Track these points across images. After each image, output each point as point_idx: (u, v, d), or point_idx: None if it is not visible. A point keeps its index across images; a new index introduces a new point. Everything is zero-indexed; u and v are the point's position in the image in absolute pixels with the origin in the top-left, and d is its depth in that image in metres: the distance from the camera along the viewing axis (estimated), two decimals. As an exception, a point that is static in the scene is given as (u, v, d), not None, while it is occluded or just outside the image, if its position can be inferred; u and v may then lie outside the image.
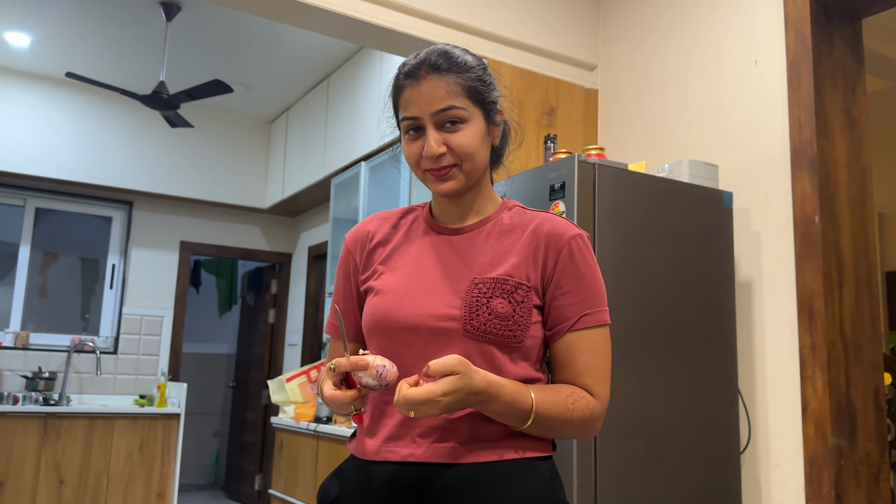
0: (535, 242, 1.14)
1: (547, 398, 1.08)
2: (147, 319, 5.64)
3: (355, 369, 1.01)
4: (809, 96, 2.30)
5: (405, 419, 1.10)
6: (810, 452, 2.17)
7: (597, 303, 1.14)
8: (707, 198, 2.29)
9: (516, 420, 1.06)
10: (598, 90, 3.19)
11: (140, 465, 4.95)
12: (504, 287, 1.11)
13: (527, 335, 1.11)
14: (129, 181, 5.38)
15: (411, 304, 1.12)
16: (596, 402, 1.12)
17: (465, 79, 1.12)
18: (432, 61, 1.12)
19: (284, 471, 4.10)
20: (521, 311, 1.10)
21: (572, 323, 1.12)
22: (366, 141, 4.33)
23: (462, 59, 1.14)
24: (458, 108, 1.11)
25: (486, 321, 1.08)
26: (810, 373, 2.19)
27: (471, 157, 1.13)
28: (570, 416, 1.09)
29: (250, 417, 6.36)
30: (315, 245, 5.81)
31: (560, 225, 1.16)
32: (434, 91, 1.11)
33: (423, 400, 0.97)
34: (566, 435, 1.13)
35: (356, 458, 1.16)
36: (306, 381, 4.20)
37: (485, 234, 1.18)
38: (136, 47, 4.65)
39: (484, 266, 1.14)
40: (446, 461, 1.06)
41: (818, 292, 2.20)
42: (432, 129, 1.12)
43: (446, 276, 1.14)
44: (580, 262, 1.14)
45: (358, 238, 1.25)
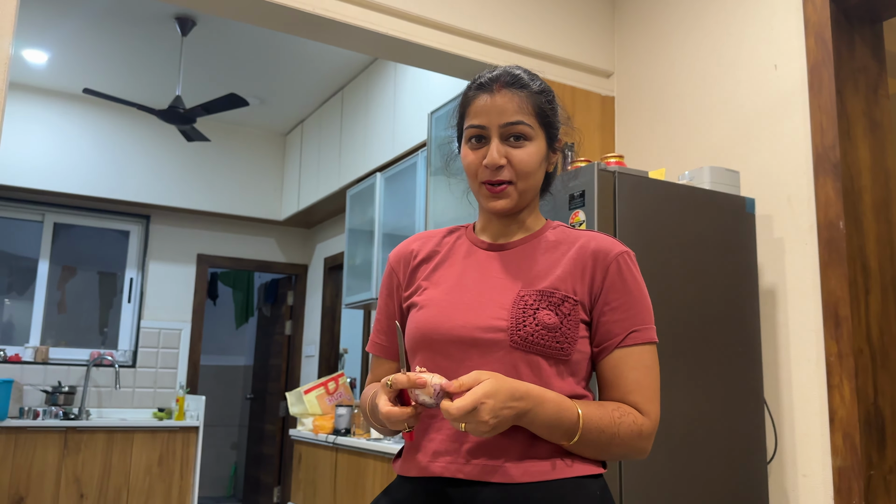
0: (582, 258, 1.14)
1: (593, 411, 1.07)
2: (165, 332, 5.66)
3: (413, 387, 1.00)
4: (831, 100, 2.27)
5: (453, 435, 1.09)
6: (839, 462, 2.13)
7: (644, 320, 1.13)
8: (729, 204, 2.26)
9: (563, 434, 1.05)
10: (614, 97, 3.17)
11: (159, 479, 4.96)
12: (551, 299, 1.10)
13: (574, 349, 1.10)
14: (146, 195, 5.42)
15: (456, 316, 1.12)
16: (645, 419, 1.10)
17: (536, 99, 1.15)
18: (508, 77, 1.15)
19: (303, 483, 4.08)
20: (568, 324, 1.09)
21: (620, 339, 1.11)
22: (380, 152, 4.33)
23: (536, 80, 1.17)
24: (525, 125, 1.13)
25: (534, 332, 1.07)
26: (837, 381, 2.15)
27: (527, 176, 1.14)
28: (618, 430, 1.07)
29: (268, 429, 6.36)
30: (331, 256, 5.82)
31: (607, 242, 1.16)
32: (507, 104, 1.13)
33: (469, 406, 0.95)
34: (616, 453, 1.09)
35: (403, 477, 1.15)
36: (324, 393, 4.19)
37: (530, 249, 1.18)
38: (152, 62, 4.69)
39: (530, 280, 1.13)
40: (495, 480, 1.05)
41: (844, 299, 2.16)
42: (496, 140, 1.13)
43: (491, 290, 1.13)
44: (628, 279, 1.13)
45: (401, 256, 1.26)
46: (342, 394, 4.23)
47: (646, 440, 1.10)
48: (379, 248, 4.18)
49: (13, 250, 5.53)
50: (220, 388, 7.41)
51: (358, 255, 4.53)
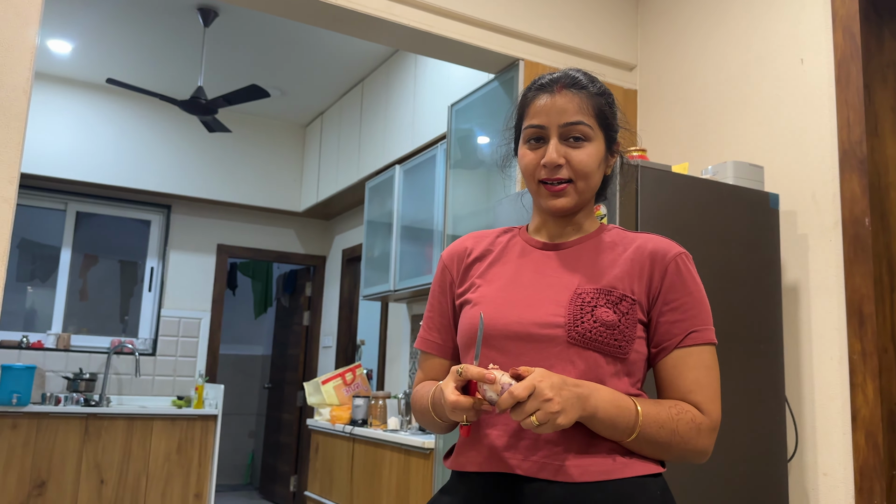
0: (639, 259, 1.14)
1: (650, 407, 1.07)
2: (185, 321, 5.71)
3: (482, 380, 0.99)
4: (858, 95, 2.23)
5: (511, 431, 1.08)
6: (860, 462, 2.11)
7: (704, 321, 1.13)
8: (752, 200, 2.24)
9: (623, 429, 1.04)
10: (637, 90, 3.14)
11: (178, 466, 5.01)
12: (609, 297, 1.10)
13: (632, 348, 1.09)
14: (168, 185, 5.46)
15: (511, 312, 1.12)
16: (705, 418, 1.09)
17: (597, 101, 1.16)
18: (568, 79, 1.16)
19: (320, 472, 4.11)
20: (626, 322, 1.09)
21: (680, 339, 1.11)
22: (400, 144, 4.33)
23: (595, 83, 1.18)
24: (585, 125, 1.13)
25: (592, 328, 1.07)
26: (861, 380, 2.13)
27: (586, 177, 1.14)
28: (677, 426, 1.06)
29: (285, 419, 6.41)
30: (349, 248, 5.84)
31: (665, 243, 1.16)
32: (567, 104, 1.13)
33: (526, 390, 0.95)
34: (676, 452, 1.08)
35: (459, 474, 1.15)
36: (342, 384, 4.21)
37: (586, 249, 1.18)
38: (175, 53, 4.71)
39: (587, 278, 1.13)
40: (554, 478, 1.04)
41: (868, 296, 2.13)
42: (556, 140, 1.14)
43: (548, 287, 1.13)
44: (688, 279, 1.13)
45: (455, 254, 1.27)
46: (359, 384, 4.25)
47: (705, 438, 1.09)
48: (397, 241, 4.18)
49: (36, 238, 5.60)
50: (238, 378, 7.47)
51: (376, 247, 4.53)
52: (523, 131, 1.18)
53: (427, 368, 1.28)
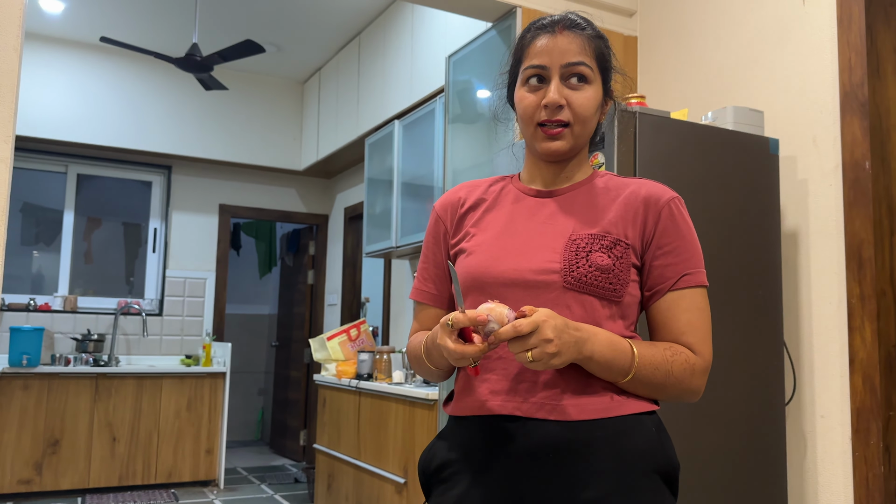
0: (633, 204, 1.14)
1: (646, 348, 1.09)
2: (190, 282, 5.75)
3: (474, 324, 1.00)
4: (860, 36, 2.19)
5: (509, 373, 1.10)
6: (857, 403, 2.13)
7: (696, 263, 1.14)
8: (752, 145, 2.22)
9: (619, 370, 1.06)
10: (637, 37, 3.09)
11: (188, 423, 5.11)
12: (603, 242, 1.11)
13: (626, 291, 1.11)
14: (167, 146, 5.44)
15: (507, 260, 1.12)
16: (698, 358, 1.11)
17: (596, 43, 1.15)
18: (568, 21, 1.15)
19: (328, 426, 4.18)
20: (620, 266, 1.10)
21: (673, 282, 1.12)
22: (398, 98, 4.29)
23: (593, 26, 1.17)
24: (587, 66, 1.13)
25: (587, 272, 1.08)
26: (859, 323, 2.14)
27: (584, 121, 1.14)
28: (671, 367, 1.08)
29: (293, 375, 6.49)
30: (351, 206, 5.83)
31: (658, 188, 1.17)
32: (569, 45, 1.12)
33: (530, 326, 0.96)
34: (670, 392, 1.11)
35: (458, 418, 1.16)
36: (347, 340, 4.26)
37: (580, 195, 1.18)
38: (169, 10, 4.65)
39: (581, 224, 1.14)
40: (554, 418, 1.06)
41: (868, 240, 2.13)
42: (557, 80, 1.12)
43: (542, 234, 1.14)
44: (680, 223, 1.14)
45: (448, 204, 1.26)
46: (364, 340, 4.30)
47: (699, 379, 1.11)
48: (398, 197, 4.18)
49: (39, 202, 5.61)
50: (246, 336, 7.54)
51: (377, 205, 4.53)
52: (522, 72, 1.16)
53: (422, 318, 1.28)
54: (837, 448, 2.18)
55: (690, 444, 2.01)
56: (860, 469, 2.11)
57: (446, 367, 1.16)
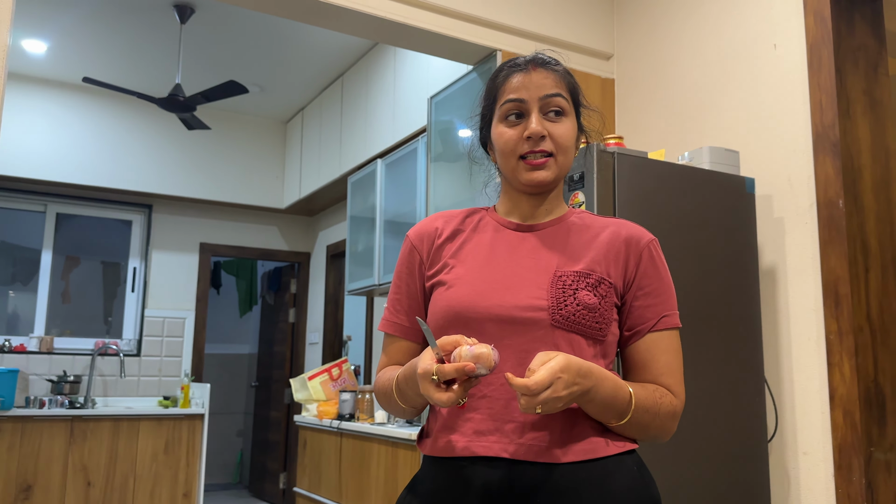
0: (615, 243, 1.16)
1: (640, 391, 1.10)
2: (169, 321, 5.68)
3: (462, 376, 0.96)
4: (830, 78, 2.26)
5: (494, 414, 1.07)
6: (839, 440, 2.14)
7: (673, 305, 1.18)
8: (729, 184, 2.26)
9: (615, 414, 1.07)
10: (614, 79, 3.16)
11: (166, 466, 5.00)
12: (588, 280, 1.11)
13: (609, 330, 1.12)
14: (148, 184, 5.42)
15: (492, 295, 1.10)
16: (677, 400, 1.14)
17: (568, 79, 1.19)
18: (541, 59, 1.18)
19: (309, 468, 4.12)
20: (605, 305, 1.11)
21: (654, 323, 1.14)
22: (381, 138, 4.33)
23: (563, 65, 1.21)
24: (563, 98, 1.15)
25: (575, 311, 1.08)
26: (837, 359, 2.16)
27: (566, 151, 1.15)
28: (659, 411, 1.10)
29: (273, 416, 6.40)
30: (333, 244, 5.83)
31: (638, 229, 1.20)
32: (544, 80, 1.15)
33: (547, 380, 0.95)
34: (651, 433, 1.13)
35: (436, 459, 1.12)
36: (328, 379, 4.22)
37: (560, 231, 1.19)
38: (152, 50, 4.68)
39: (564, 260, 1.14)
40: (540, 460, 1.05)
41: (844, 277, 2.17)
42: (537, 112, 1.14)
43: (526, 269, 1.13)
44: (659, 265, 1.18)
45: (424, 233, 1.23)
46: (346, 379, 4.26)
47: (676, 421, 1.15)
48: (381, 235, 4.19)
49: (16, 241, 5.55)
50: (225, 377, 7.44)
51: (360, 242, 4.53)
52: (499, 109, 1.16)
53: (392, 352, 1.23)
54: (821, 485, 2.18)
55: (674, 482, 2.01)
56: (843, 506, 2.11)
57: (420, 405, 1.13)
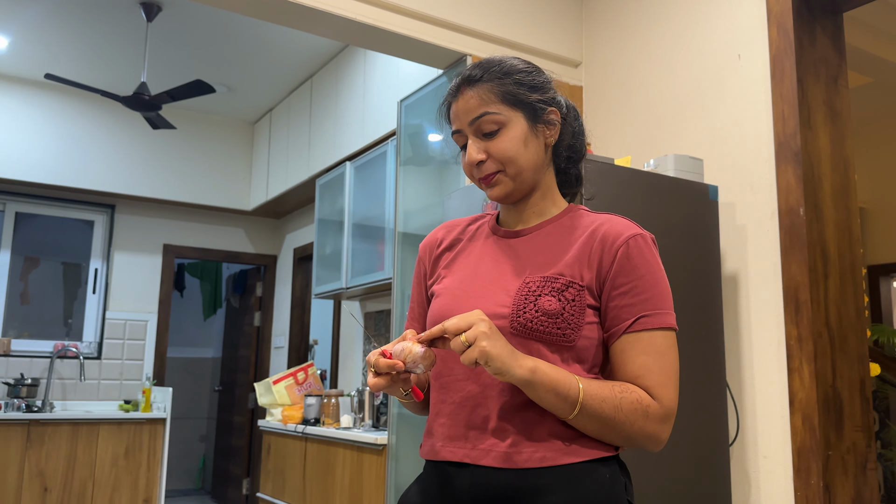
0: (591, 243, 1.12)
1: (593, 384, 1.05)
2: (131, 324, 5.58)
3: (391, 370, 1.02)
4: (792, 89, 2.31)
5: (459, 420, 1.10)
6: (798, 443, 2.18)
7: (658, 305, 1.09)
8: (692, 192, 2.30)
9: (563, 400, 1.02)
10: (582, 87, 3.19)
11: (126, 471, 4.90)
12: (554, 285, 1.09)
13: (579, 335, 1.08)
14: (111, 184, 5.33)
15: (465, 304, 1.13)
16: (653, 402, 1.06)
17: (499, 84, 1.14)
18: (467, 75, 1.17)
19: (272, 474, 4.07)
20: (571, 310, 1.08)
21: (629, 324, 1.08)
22: (350, 141, 4.31)
23: (499, 66, 1.16)
24: (491, 114, 1.13)
25: (533, 318, 1.07)
26: (797, 364, 2.20)
27: (512, 161, 1.14)
28: (620, 404, 1.04)
29: (237, 421, 6.31)
30: (300, 246, 5.78)
31: (619, 225, 1.13)
32: (468, 102, 1.15)
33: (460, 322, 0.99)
34: (622, 432, 1.05)
35: (427, 461, 1.18)
36: (294, 383, 4.17)
37: (543, 235, 1.18)
38: (117, 48, 4.60)
39: (538, 266, 1.13)
40: (503, 465, 1.05)
41: (804, 284, 2.21)
42: (472, 139, 1.15)
43: (501, 277, 1.14)
44: (638, 262, 1.10)
45: (427, 245, 1.30)
46: (312, 384, 4.22)
47: (655, 423, 1.06)
48: (349, 238, 4.16)
49: (-27, 240, 5.40)
50: (188, 381, 7.33)
51: (328, 245, 4.50)
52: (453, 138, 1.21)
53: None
54: (780, 488, 2.22)
55: (636, 486, 2.02)
56: (802, 509, 2.15)
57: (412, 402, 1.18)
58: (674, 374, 1.08)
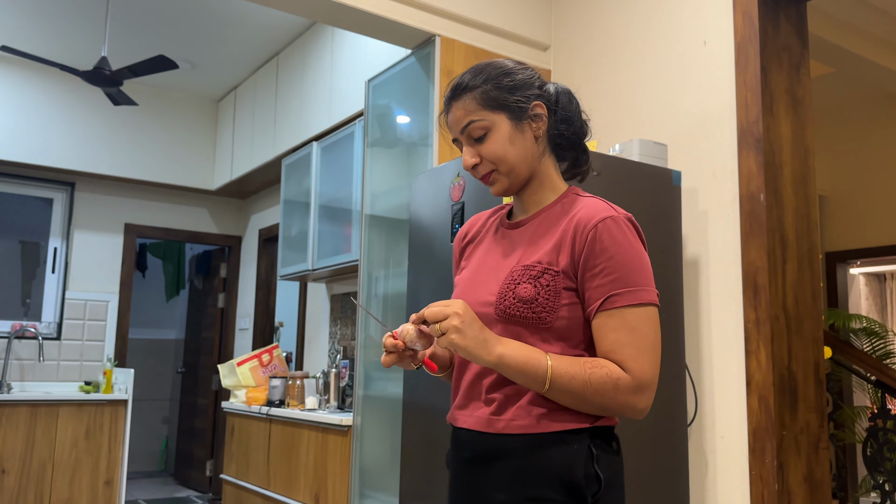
0: (567, 228, 1.21)
1: (563, 360, 1.15)
2: (91, 304, 5.48)
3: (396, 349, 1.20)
4: (756, 76, 2.34)
5: (465, 391, 1.25)
6: (754, 424, 2.24)
7: (629, 282, 1.15)
8: (656, 177, 2.32)
9: (534, 376, 1.13)
10: (550, 70, 3.20)
11: (86, 453, 4.83)
12: (531, 273, 1.20)
13: (556, 316, 1.17)
14: (71, 161, 5.20)
15: (468, 294, 1.28)
16: (624, 374, 1.13)
17: (480, 92, 1.24)
18: (452, 88, 1.28)
19: (236, 455, 4.05)
20: (545, 294, 1.17)
21: (600, 304, 1.16)
22: (317, 120, 4.26)
23: (480, 75, 1.25)
24: (475, 122, 1.24)
25: (511, 304, 1.19)
26: (754, 347, 2.25)
27: (502, 160, 1.24)
28: (589, 377, 1.12)
29: (200, 403, 6.26)
30: (266, 227, 5.72)
31: (594, 209, 1.20)
32: (456, 113, 1.26)
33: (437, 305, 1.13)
34: (596, 403, 1.13)
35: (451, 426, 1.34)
36: (258, 365, 4.15)
37: (536, 224, 1.27)
38: (77, 21, 4.47)
39: (524, 255, 1.24)
40: (489, 431, 1.19)
41: (762, 268, 2.26)
42: (466, 146, 1.27)
43: (497, 268, 1.26)
44: (608, 244, 1.16)
45: (457, 239, 1.43)
46: (277, 366, 4.20)
47: (626, 394, 1.13)
48: (315, 219, 4.13)
49: (-75, 217, 5.24)
50: (150, 362, 7.24)
51: (294, 227, 4.46)
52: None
53: None
54: (736, 467, 2.28)
55: (599, 466, 2.05)
56: (757, 487, 2.21)
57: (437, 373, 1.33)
58: (647, 346, 1.15)
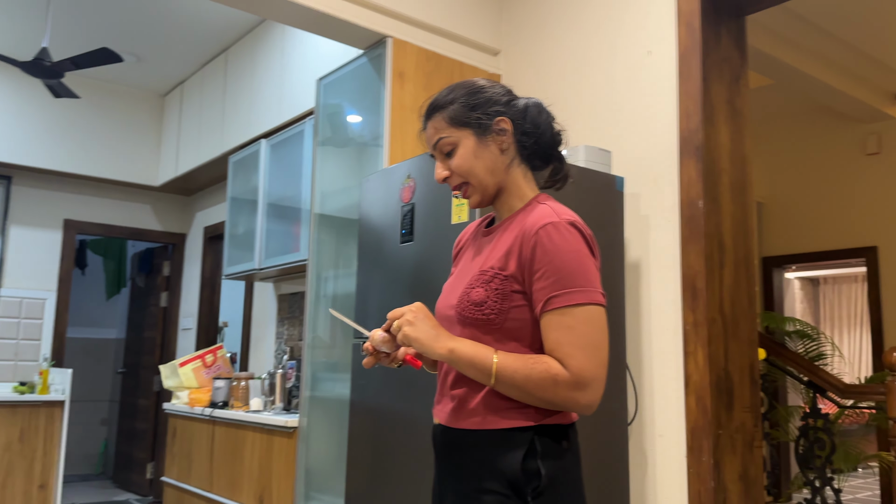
0: (519, 234, 1.27)
1: (510, 356, 1.23)
2: (27, 302, 5.30)
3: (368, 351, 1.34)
4: (697, 86, 2.42)
5: (440, 385, 1.36)
6: (692, 423, 2.31)
7: (567, 284, 1.21)
8: (600, 182, 2.37)
9: (482, 370, 1.22)
10: (500, 75, 3.23)
11: (20, 456, 4.67)
12: (483, 278, 1.29)
13: (505, 318, 1.25)
14: (7, 154, 5.02)
15: (443, 298, 1.39)
16: (562, 370, 1.19)
17: (447, 112, 1.34)
18: (427, 107, 1.37)
19: (178, 457, 3.97)
20: (494, 297, 1.26)
21: (541, 306, 1.23)
22: (266, 118, 4.22)
23: (448, 96, 1.35)
24: (444, 138, 1.34)
25: (465, 307, 1.28)
26: (693, 348, 2.33)
27: (469, 173, 1.33)
28: (530, 374, 1.19)
29: (141, 404, 6.11)
30: (211, 225, 5.63)
31: (539, 215, 1.26)
32: (429, 132, 1.37)
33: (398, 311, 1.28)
34: (537, 397, 1.20)
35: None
36: (201, 366, 4.08)
37: (501, 232, 1.34)
38: (17, 9, 4.33)
39: (486, 261, 1.32)
40: (450, 425, 1.30)
41: (701, 273, 2.33)
42: (438, 160, 1.37)
43: (468, 274, 1.35)
44: (549, 249, 1.22)
45: (455, 247, 1.52)
46: (221, 367, 4.13)
47: (565, 390, 1.19)
48: (262, 218, 4.09)
49: None
50: (89, 362, 7.03)
51: (240, 225, 4.40)
52: None
53: None
54: (675, 465, 2.35)
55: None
56: (694, 484, 2.28)
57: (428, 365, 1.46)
58: (585, 344, 1.20)
